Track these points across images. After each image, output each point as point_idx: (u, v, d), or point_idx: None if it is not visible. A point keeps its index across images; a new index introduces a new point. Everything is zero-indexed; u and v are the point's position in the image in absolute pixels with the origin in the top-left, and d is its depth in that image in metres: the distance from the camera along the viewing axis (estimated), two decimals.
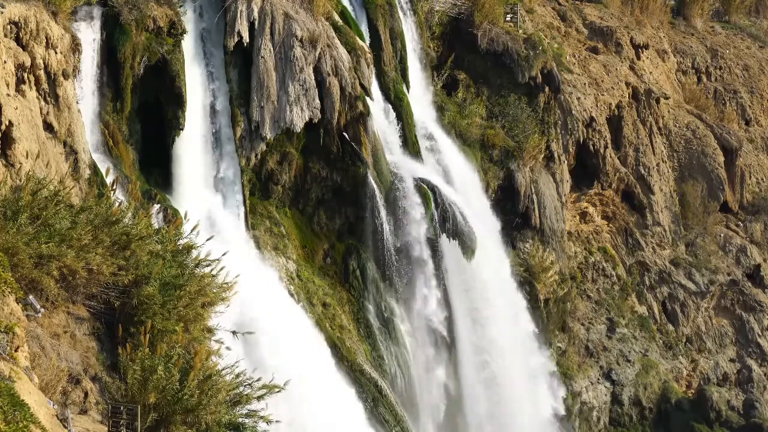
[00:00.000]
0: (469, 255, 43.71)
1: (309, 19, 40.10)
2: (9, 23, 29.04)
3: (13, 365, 16.47)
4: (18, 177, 26.49)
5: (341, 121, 40.72)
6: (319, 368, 36.39)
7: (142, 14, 35.15)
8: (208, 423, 19.50)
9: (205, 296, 22.53)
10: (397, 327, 42.03)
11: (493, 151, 48.77)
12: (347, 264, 41.55)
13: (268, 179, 40.19)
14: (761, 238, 61.14)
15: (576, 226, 55.04)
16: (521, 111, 50.13)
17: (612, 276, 55.49)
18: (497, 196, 48.57)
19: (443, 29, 50.61)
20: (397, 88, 44.76)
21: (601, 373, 52.75)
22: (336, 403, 36.18)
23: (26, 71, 29.51)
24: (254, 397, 20.96)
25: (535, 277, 49.17)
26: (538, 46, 50.58)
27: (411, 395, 41.78)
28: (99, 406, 19.60)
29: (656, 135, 58.55)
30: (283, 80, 39.15)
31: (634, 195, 56.57)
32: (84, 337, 21.00)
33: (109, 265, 21.21)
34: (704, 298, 57.52)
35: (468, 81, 50.74)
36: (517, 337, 46.90)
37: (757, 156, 65.03)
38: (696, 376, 56.44)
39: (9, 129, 27.46)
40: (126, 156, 35.38)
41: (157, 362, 19.24)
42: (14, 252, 19.60)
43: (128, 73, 35.17)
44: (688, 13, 69.02)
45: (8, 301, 17.70)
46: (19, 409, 14.92)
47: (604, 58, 58.44)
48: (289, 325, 36.33)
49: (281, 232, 40.05)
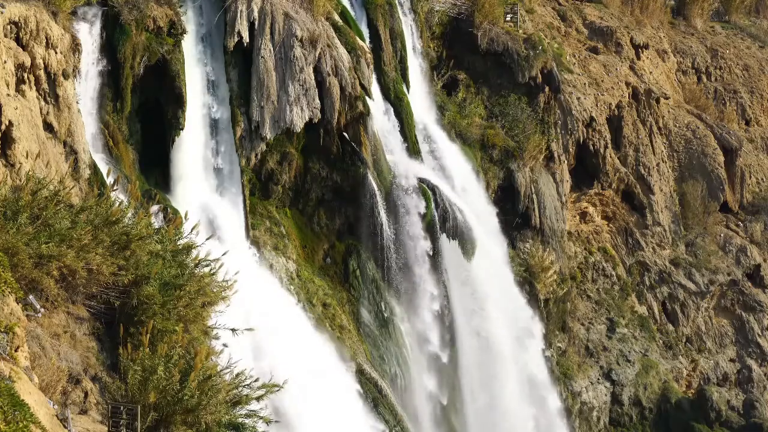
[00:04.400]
0: (468, 255, 43.74)
1: (309, 19, 40.10)
2: (9, 23, 29.04)
3: (13, 365, 16.47)
4: (18, 177, 26.49)
5: (341, 121, 40.72)
6: (321, 368, 36.41)
7: (142, 14, 35.15)
8: (208, 423, 19.49)
9: (205, 296, 22.52)
10: (397, 327, 42.04)
11: (493, 151, 48.77)
12: (347, 264, 41.56)
13: (268, 179, 40.19)
14: (761, 238, 61.13)
15: (576, 226, 55.03)
16: (521, 111, 50.14)
17: (612, 276, 55.49)
18: (497, 196, 48.58)
19: (443, 29, 50.60)
20: (397, 88, 44.76)
21: (601, 373, 52.75)
22: (339, 401, 36.23)
23: (26, 71, 29.51)
24: (254, 397, 20.94)
25: (535, 277, 49.17)
26: (538, 46, 50.58)
27: (410, 394, 41.81)
28: (99, 406, 19.60)
29: (656, 135, 58.55)
30: (283, 80, 39.16)
31: (634, 195, 56.57)
32: (84, 337, 20.99)
33: (109, 265, 21.19)
34: (704, 298, 57.51)
35: (468, 81, 50.75)
36: (517, 337, 46.91)
37: (757, 156, 65.03)
38: (696, 376, 56.44)
39: (9, 129, 27.46)
40: (126, 156, 35.38)
41: (157, 362, 19.23)
42: (14, 252, 19.58)
43: (128, 73, 35.17)
44: (688, 13, 69.04)
45: (8, 301, 17.69)
46: (19, 409, 14.91)
47: (604, 58, 58.44)
48: (289, 325, 36.34)
49: (281, 232, 40.05)
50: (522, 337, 47.31)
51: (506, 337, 45.84)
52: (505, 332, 45.81)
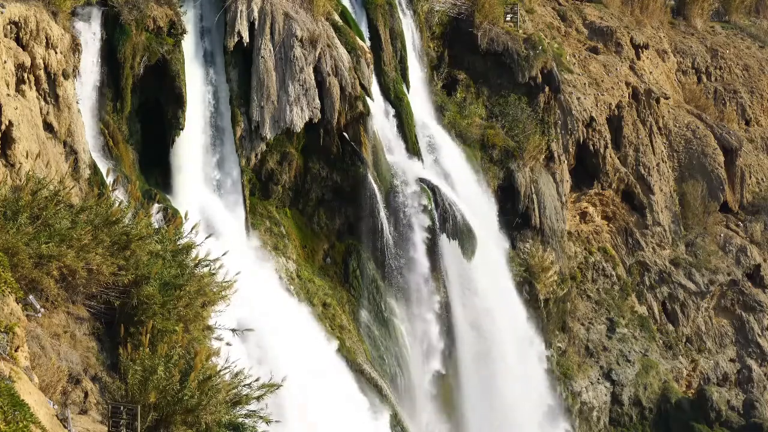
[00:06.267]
0: (468, 255, 43.73)
1: (309, 19, 40.10)
2: (9, 23, 29.04)
3: (13, 365, 16.47)
4: (18, 177, 26.48)
5: (341, 121, 40.72)
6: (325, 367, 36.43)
7: (142, 14, 35.15)
8: (208, 423, 19.49)
9: (205, 296, 22.52)
10: (397, 327, 42.04)
11: (493, 151, 48.78)
12: (347, 264, 41.56)
13: (268, 179, 40.19)
14: (761, 238, 61.13)
15: (576, 226, 55.04)
16: (521, 111, 50.14)
17: (612, 276, 55.49)
18: (497, 196, 48.57)
19: (443, 29, 50.60)
20: (397, 88, 44.77)
21: (601, 373, 52.75)
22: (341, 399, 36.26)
23: (26, 71, 29.51)
24: (254, 397, 20.94)
25: (535, 277, 49.17)
26: (538, 46, 50.59)
27: (410, 393, 41.83)
28: (99, 406, 19.59)
29: (656, 135, 58.55)
30: (283, 80, 39.16)
31: (634, 195, 56.57)
32: (84, 337, 20.98)
33: (109, 265, 21.18)
34: (704, 298, 57.51)
35: (468, 81, 50.75)
36: (517, 336, 46.91)
37: (757, 156, 65.03)
38: (696, 376, 56.44)
39: (9, 129, 27.45)
40: (126, 156, 35.38)
41: (157, 362, 19.23)
42: (14, 252, 19.57)
43: (128, 73, 35.17)
44: (688, 13, 69.04)
45: (8, 301, 17.69)
46: (19, 409, 14.91)
47: (604, 58, 58.44)
48: (288, 325, 36.33)
49: (281, 232, 40.05)
50: (522, 336, 47.32)
51: (506, 337, 45.83)
52: (505, 332, 45.80)
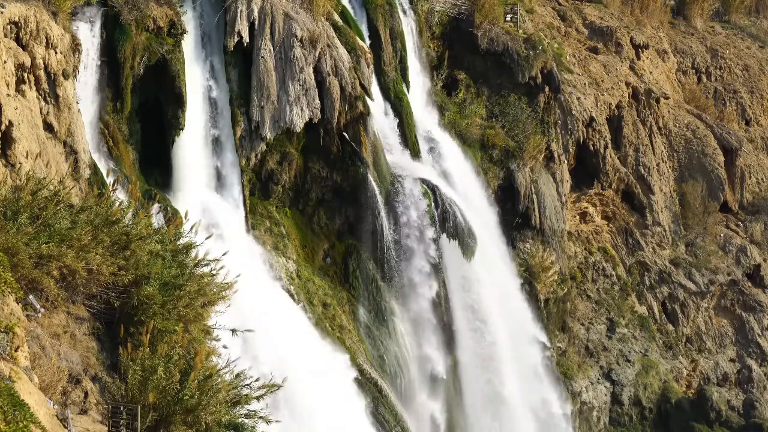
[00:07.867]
0: (468, 255, 43.72)
1: (309, 19, 40.10)
2: (9, 23, 29.03)
3: (13, 365, 16.47)
4: (18, 177, 26.48)
5: (341, 121, 40.71)
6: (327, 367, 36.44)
7: (142, 14, 35.15)
8: (208, 423, 19.48)
9: (205, 296, 22.51)
10: (397, 327, 42.04)
11: (493, 151, 48.78)
12: (347, 264, 41.56)
13: (268, 179, 40.19)
14: (761, 238, 61.14)
15: (576, 226, 55.04)
16: (521, 111, 50.14)
17: (612, 276, 55.49)
18: (497, 196, 48.59)
19: (443, 29, 50.61)
20: (397, 88, 44.77)
21: (601, 373, 52.75)
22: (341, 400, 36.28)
23: (26, 71, 29.50)
24: (254, 397, 20.94)
25: (535, 277, 49.18)
26: (538, 46, 50.59)
27: (410, 392, 41.84)
28: (99, 406, 19.59)
29: (656, 135, 58.56)
30: (283, 80, 39.16)
31: (634, 195, 56.58)
32: (84, 337, 20.98)
33: (109, 265, 21.17)
34: (704, 298, 57.51)
35: (468, 81, 50.75)
36: (517, 336, 46.92)
37: (757, 156, 65.03)
38: (696, 376, 56.44)
39: (9, 129, 27.46)
40: (126, 156, 35.38)
41: (157, 362, 19.22)
42: (14, 252, 19.57)
43: (128, 73, 35.17)
44: (688, 13, 69.05)
45: (8, 301, 17.69)
46: (19, 409, 14.91)
47: (604, 58, 58.44)
48: (289, 325, 36.35)
49: (281, 232, 40.05)
50: (522, 336, 47.32)
51: (506, 337, 45.83)
52: (505, 332, 45.80)
